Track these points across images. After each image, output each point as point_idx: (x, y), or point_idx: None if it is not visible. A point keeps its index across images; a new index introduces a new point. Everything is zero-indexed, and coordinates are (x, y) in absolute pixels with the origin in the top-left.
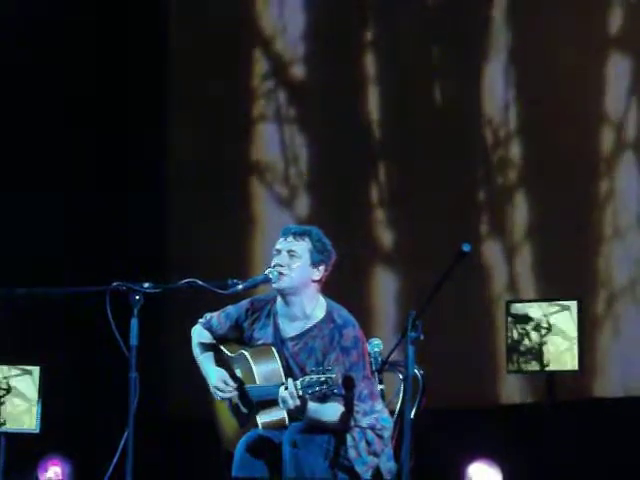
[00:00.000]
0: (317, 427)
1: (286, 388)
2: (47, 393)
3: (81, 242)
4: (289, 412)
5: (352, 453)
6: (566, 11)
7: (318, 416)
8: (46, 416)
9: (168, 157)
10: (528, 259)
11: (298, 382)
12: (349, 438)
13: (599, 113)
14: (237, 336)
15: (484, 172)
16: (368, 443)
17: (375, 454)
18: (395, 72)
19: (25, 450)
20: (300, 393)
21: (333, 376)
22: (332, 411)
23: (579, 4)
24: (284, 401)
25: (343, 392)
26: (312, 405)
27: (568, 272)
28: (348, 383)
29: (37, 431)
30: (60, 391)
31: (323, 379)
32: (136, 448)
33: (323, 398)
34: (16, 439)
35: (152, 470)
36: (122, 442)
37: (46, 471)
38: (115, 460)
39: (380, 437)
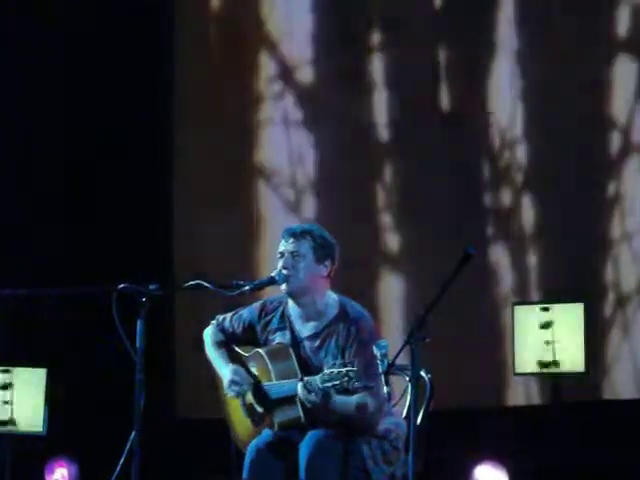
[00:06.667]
0: (338, 432)
1: (305, 383)
2: (53, 395)
3: (87, 244)
4: (310, 408)
5: (370, 463)
6: (573, 12)
7: (343, 409)
8: (52, 418)
9: (174, 158)
10: (535, 262)
11: (318, 377)
12: (366, 449)
13: (606, 116)
14: (250, 338)
15: (491, 175)
16: (384, 453)
17: (390, 463)
18: (402, 74)
19: (32, 452)
20: (320, 387)
21: (355, 369)
22: (359, 402)
23: (586, 5)
24: (304, 397)
25: (367, 384)
26: (337, 398)
27: (575, 275)
28: (371, 374)
29: (44, 433)
30: (66, 393)
31: (344, 372)
32: (142, 449)
33: (346, 392)
34: (23, 441)
35: (159, 471)
36: (128, 443)
37: (53, 473)
38: (122, 462)
39: (395, 448)
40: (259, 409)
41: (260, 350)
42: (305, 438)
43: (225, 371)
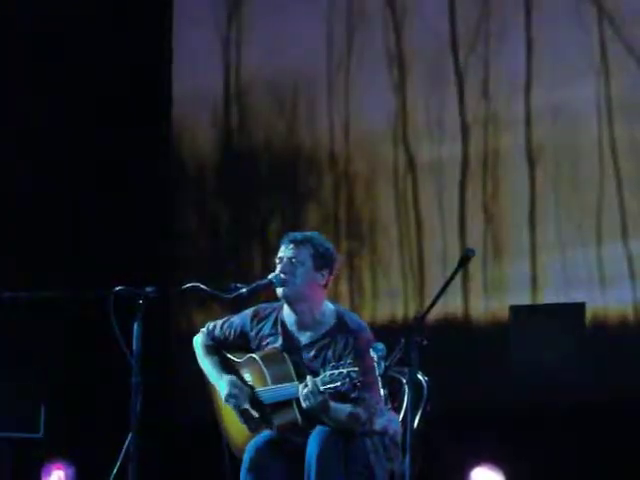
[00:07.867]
0: (338, 430)
1: (306, 385)
2: (51, 397)
3: (84, 246)
4: (308, 411)
5: (372, 457)
6: None
7: (336, 415)
8: (50, 421)
9: (170, 156)
10: (531, 265)
11: (319, 379)
12: (369, 443)
13: None
14: (242, 344)
15: (491, 183)
16: (385, 448)
17: (391, 459)
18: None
19: (29, 454)
20: (321, 389)
21: (357, 369)
22: (351, 411)
23: None
24: (306, 399)
25: (361, 394)
26: (333, 405)
27: (571, 276)
28: (366, 385)
29: (41, 436)
30: (64, 395)
31: (345, 372)
32: (140, 452)
33: (343, 398)
34: (20, 444)
35: (156, 473)
36: (125, 446)
37: (50, 476)
38: (118, 464)
39: (395, 443)
40: (254, 414)
41: (254, 355)
42: (312, 434)
43: (222, 383)
